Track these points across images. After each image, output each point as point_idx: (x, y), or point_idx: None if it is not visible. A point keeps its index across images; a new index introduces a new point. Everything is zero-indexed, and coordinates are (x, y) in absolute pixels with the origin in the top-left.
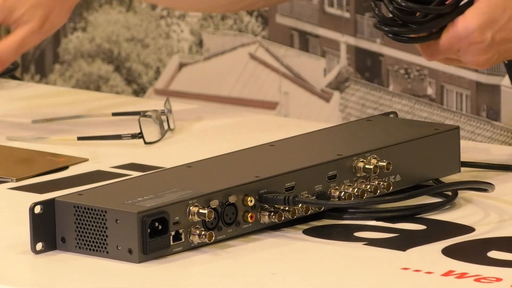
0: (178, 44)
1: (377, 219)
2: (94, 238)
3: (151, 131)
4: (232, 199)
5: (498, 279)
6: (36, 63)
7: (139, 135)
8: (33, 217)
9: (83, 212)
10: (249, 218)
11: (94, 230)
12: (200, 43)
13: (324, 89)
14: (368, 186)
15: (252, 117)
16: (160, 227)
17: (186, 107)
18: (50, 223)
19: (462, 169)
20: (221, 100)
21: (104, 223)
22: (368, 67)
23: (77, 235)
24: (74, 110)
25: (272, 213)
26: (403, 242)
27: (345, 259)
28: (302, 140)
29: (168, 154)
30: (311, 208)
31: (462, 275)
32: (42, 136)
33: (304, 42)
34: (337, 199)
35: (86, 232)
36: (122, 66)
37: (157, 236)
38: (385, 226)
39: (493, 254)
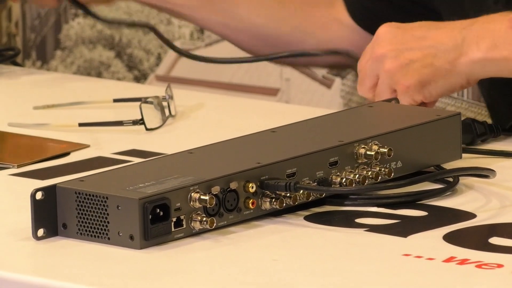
0: (179, 30)
1: (378, 206)
2: (96, 224)
3: (152, 118)
4: (233, 185)
5: (500, 265)
6: (37, 49)
7: (141, 122)
8: (34, 203)
9: (85, 198)
10: (250, 205)
11: (96, 216)
12: (201, 30)
13: (325, 76)
14: (370, 173)
15: (253, 104)
16: (161, 213)
17: (187, 94)
18: (52, 209)
19: (463, 155)
20: (223, 86)
21: (106, 209)
22: None
23: (79, 221)
24: (75, 96)
25: (273, 200)
26: (404, 228)
27: (346, 246)
28: (303, 126)
29: (170, 140)
30: (312, 195)
31: (463, 262)
32: (44, 122)
33: None
34: (338, 186)
35: (87, 218)
36: (123, 52)
37: (159, 222)
38: (386, 212)
39: (495, 240)
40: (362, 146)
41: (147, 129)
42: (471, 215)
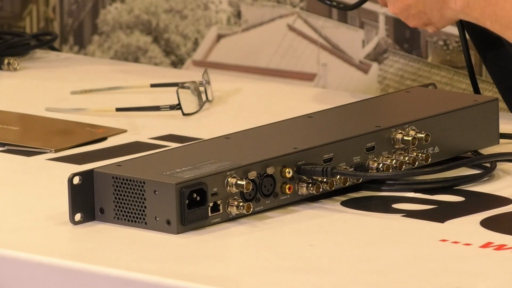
0: (216, 15)
1: (415, 191)
2: (133, 209)
3: (189, 103)
4: (270, 170)
5: None
6: (74, 34)
7: (177, 107)
8: (72, 188)
9: (122, 183)
10: (287, 190)
11: (133, 201)
12: (239, 14)
13: (362, 61)
14: (407, 158)
15: (290, 89)
16: (198, 198)
17: (224, 79)
18: (89, 194)
19: (501, 140)
20: (259, 71)
21: (143, 194)
22: (406, 38)
23: (116, 206)
24: (113, 81)
25: (310, 185)
26: (442, 213)
27: (383, 231)
28: (340, 111)
29: (206, 126)
30: (349, 180)
31: (500, 247)
32: (81, 107)
33: (343, 13)
34: (375, 171)
35: (124, 203)
36: (160, 37)
37: (195, 207)
38: (424, 197)
39: None
40: (399, 132)
41: (184, 114)
42: (509, 201)
